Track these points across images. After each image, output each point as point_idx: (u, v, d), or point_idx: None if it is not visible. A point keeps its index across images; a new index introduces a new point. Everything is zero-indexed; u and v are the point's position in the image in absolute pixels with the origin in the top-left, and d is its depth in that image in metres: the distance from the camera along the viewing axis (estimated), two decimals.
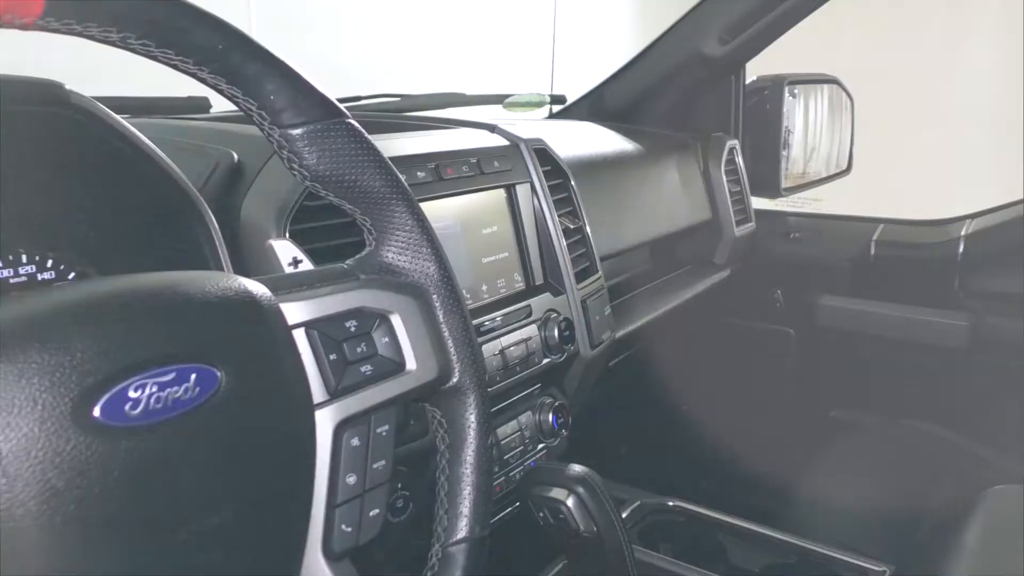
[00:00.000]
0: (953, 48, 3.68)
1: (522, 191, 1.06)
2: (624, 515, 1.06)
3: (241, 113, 0.53)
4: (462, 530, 0.57)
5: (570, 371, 1.10)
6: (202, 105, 1.33)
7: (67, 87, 0.65)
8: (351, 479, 0.51)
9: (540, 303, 1.03)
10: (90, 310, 0.40)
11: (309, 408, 0.49)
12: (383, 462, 0.53)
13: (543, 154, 1.11)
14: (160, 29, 0.45)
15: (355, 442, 0.52)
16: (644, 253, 1.58)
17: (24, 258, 0.77)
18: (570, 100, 1.81)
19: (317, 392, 0.50)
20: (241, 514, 0.43)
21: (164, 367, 0.41)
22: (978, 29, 3.65)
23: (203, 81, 0.50)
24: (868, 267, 1.72)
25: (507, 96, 1.70)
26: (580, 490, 0.82)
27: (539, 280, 1.07)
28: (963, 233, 1.64)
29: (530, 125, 1.31)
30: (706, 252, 1.66)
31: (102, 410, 0.39)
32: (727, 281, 1.67)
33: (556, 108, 1.82)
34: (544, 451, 1.06)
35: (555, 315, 1.04)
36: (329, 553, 0.50)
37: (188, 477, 0.41)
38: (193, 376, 0.42)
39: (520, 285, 1.04)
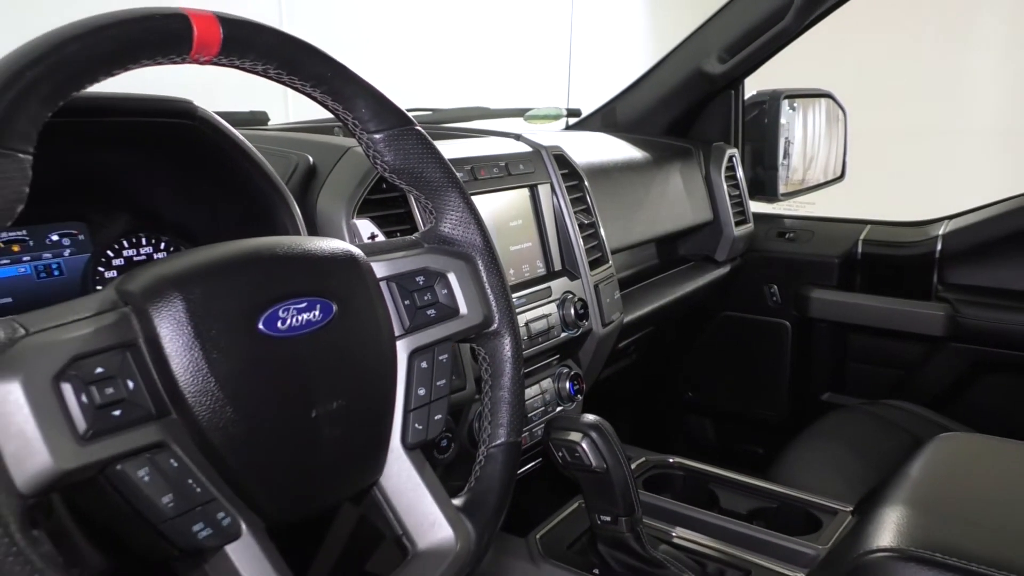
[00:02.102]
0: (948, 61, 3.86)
1: (543, 191, 1.23)
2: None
3: (295, 124, 0.71)
4: (501, 436, 0.74)
5: (584, 345, 1.27)
6: (262, 118, 1.52)
7: (195, 103, 0.83)
8: (421, 391, 0.69)
9: (558, 286, 1.21)
10: (250, 257, 0.59)
11: (392, 337, 0.67)
12: (443, 380, 0.71)
13: (561, 159, 1.28)
14: (291, 62, 0.63)
15: (423, 365, 0.69)
16: (651, 250, 1.75)
17: (143, 241, 0.96)
18: (585, 113, 1.98)
19: (396, 328, 0.68)
20: (351, 402, 0.61)
21: (300, 298, 0.59)
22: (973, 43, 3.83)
23: (313, 98, 0.68)
24: (856, 264, 1.89)
25: (527, 110, 1.87)
26: (593, 434, 1.00)
27: (557, 266, 1.24)
28: (941, 232, 1.80)
29: (550, 135, 1.49)
30: (708, 250, 1.82)
31: (263, 324, 0.57)
32: (727, 277, 1.84)
33: (572, 120, 1.98)
34: (562, 413, 1.23)
35: (571, 296, 1.21)
36: (406, 444, 0.67)
37: (316, 374, 0.59)
38: (318, 306, 0.60)
39: (541, 270, 1.22)
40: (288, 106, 2.43)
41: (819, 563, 0.97)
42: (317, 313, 0.60)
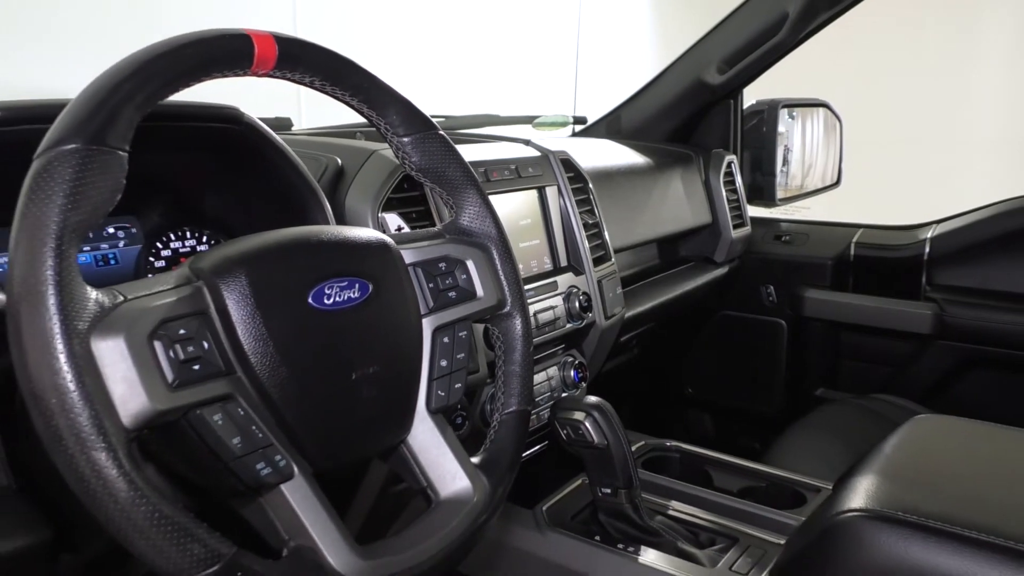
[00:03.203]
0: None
1: (551, 192, 1.33)
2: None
3: (318, 129, 0.79)
4: (512, 405, 0.83)
5: (588, 337, 1.36)
6: (287, 124, 1.62)
7: (241, 109, 0.93)
8: (443, 363, 0.78)
9: (564, 280, 1.30)
10: (300, 242, 0.68)
11: (418, 315, 0.77)
12: (463, 354, 0.80)
13: (568, 163, 1.38)
14: (335, 75, 0.73)
15: (445, 340, 0.79)
16: (652, 250, 1.85)
17: (188, 234, 1.05)
18: (590, 121, 2.07)
19: (422, 307, 0.78)
20: (384, 369, 0.71)
21: (343, 277, 0.69)
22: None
23: (351, 106, 0.78)
24: (848, 265, 1.97)
25: (536, 117, 1.95)
26: (595, 413, 1.09)
27: (563, 263, 1.33)
28: (929, 236, 1.89)
29: (557, 141, 1.59)
30: (707, 251, 1.91)
31: (312, 298, 0.66)
32: (725, 277, 1.93)
33: (578, 127, 2.07)
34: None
35: (576, 290, 1.30)
36: (430, 408, 0.77)
37: (355, 343, 0.69)
38: (357, 285, 0.70)
39: (548, 266, 1.31)
40: (301, 112, 2.54)
41: (798, 528, 1.06)
42: (356, 291, 0.70)
